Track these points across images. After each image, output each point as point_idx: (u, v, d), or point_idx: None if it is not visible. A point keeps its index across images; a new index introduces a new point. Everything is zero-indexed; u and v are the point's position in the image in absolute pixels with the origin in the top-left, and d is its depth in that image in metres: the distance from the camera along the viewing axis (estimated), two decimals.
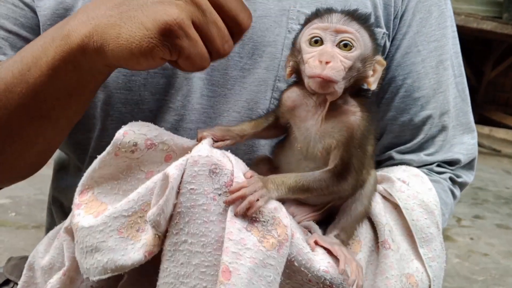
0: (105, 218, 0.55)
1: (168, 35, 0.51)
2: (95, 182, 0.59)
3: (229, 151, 0.58)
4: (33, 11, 0.71)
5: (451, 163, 0.81)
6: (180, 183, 0.53)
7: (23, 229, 2.46)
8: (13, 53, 0.69)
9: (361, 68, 0.58)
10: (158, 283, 0.54)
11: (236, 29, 0.56)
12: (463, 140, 0.82)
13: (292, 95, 0.61)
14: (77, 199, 0.59)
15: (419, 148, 0.80)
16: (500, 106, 6.00)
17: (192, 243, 0.53)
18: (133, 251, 0.55)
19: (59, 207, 0.87)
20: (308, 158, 0.61)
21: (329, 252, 0.58)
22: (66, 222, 0.62)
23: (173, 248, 0.53)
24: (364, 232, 0.66)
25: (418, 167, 0.79)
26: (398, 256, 0.65)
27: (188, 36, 0.52)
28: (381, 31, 0.75)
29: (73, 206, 0.59)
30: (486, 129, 5.09)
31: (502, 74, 5.92)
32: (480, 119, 5.55)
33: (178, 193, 0.53)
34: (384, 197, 0.69)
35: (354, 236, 0.65)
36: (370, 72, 0.59)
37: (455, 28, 0.83)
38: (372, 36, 0.60)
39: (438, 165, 0.81)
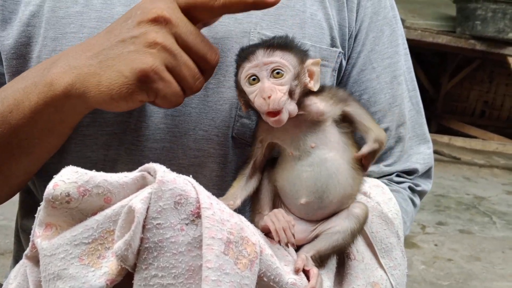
0: (65, 246, 0.55)
1: (145, 80, 0.57)
2: (51, 223, 0.58)
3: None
4: None
5: (409, 172, 0.86)
6: (145, 217, 0.52)
7: None
8: None
9: (298, 83, 0.65)
10: None
11: (206, 66, 0.62)
12: (419, 150, 0.87)
13: (264, 124, 0.66)
14: (39, 231, 0.57)
15: (378, 159, 0.83)
16: (458, 115, 6.25)
17: (162, 276, 0.52)
18: (94, 279, 0.54)
19: (28, 234, 0.86)
20: (303, 156, 0.66)
21: (305, 271, 0.61)
22: (26, 250, 0.61)
23: (143, 283, 0.52)
24: None
25: (379, 177, 0.83)
26: (363, 266, 0.68)
27: (162, 79, 0.57)
28: (336, 50, 0.79)
29: (33, 237, 0.58)
30: (445, 138, 5.29)
31: (458, 85, 6.18)
32: (439, 128, 5.75)
33: (144, 227, 0.53)
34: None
35: None
36: (307, 79, 0.66)
37: (406, 46, 0.88)
38: (295, 50, 0.65)
39: (397, 175, 0.85)
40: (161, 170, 0.54)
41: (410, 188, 0.85)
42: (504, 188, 4.31)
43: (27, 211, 0.86)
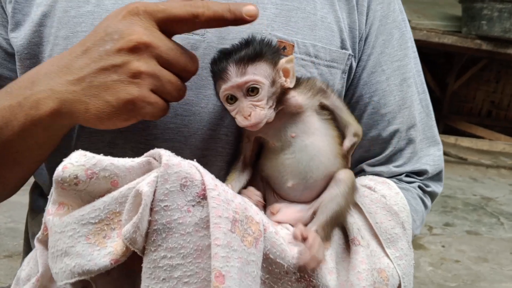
0: (73, 225, 0.57)
1: (132, 109, 0.59)
2: (64, 202, 0.60)
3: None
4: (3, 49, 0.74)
5: (419, 173, 0.86)
6: (153, 200, 0.54)
7: None
8: None
9: (275, 88, 0.67)
10: None
11: (187, 76, 0.64)
12: (429, 152, 0.87)
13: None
14: (52, 209, 0.59)
15: (388, 160, 0.84)
16: (464, 116, 6.22)
17: (171, 257, 0.54)
18: (99, 257, 0.55)
19: None
20: (285, 146, 0.70)
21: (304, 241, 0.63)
22: (38, 234, 0.63)
23: (153, 266, 0.54)
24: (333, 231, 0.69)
25: (388, 178, 0.83)
26: (368, 252, 0.68)
27: (150, 103, 0.59)
28: (346, 52, 0.80)
29: (45, 218, 0.60)
30: (452, 139, 5.26)
31: (465, 85, 6.15)
32: (446, 129, 5.73)
33: (151, 210, 0.54)
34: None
35: None
36: (283, 79, 0.68)
37: (415, 49, 0.89)
38: (266, 57, 0.66)
39: (407, 175, 0.85)
40: (166, 155, 0.56)
41: (420, 187, 0.86)
42: (511, 188, 4.28)
43: (37, 213, 0.87)
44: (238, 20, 0.62)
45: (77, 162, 0.57)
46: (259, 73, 0.65)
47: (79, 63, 0.60)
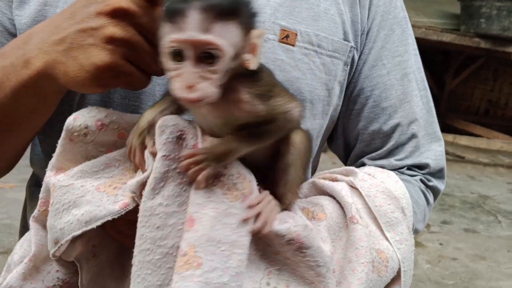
0: (85, 177, 0.59)
1: (104, 75, 0.57)
2: (65, 165, 0.62)
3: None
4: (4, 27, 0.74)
5: (421, 167, 0.85)
6: (156, 153, 0.56)
7: None
8: None
9: (235, 64, 0.52)
10: (134, 253, 0.55)
11: None
12: (431, 147, 0.87)
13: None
14: (50, 174, 0.61)
15: (389, 154, 0.84)
16: (462, 114, 6.22)
17: (167, 205, 0.55)
18: (108, 203, 0.57)
19: None
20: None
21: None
22: (34, 212, 0.63)
23: (149, 213, 0.54)
24: (330, 208, 0.68)
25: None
26: (367, 231, 0.67)
27: (123, 72, 0.58)
28: (349, 44, 0.80)
29: (45, 178, 0.62)
30: (449, 137, 5.26)
31: (463, 83, 6.16)
32: (444, 127, 5.73)
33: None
34: (351, 186, 0.73)
35: (320, 209, 0.67)
36: (248, 55, 0.53)
37: (416, 46, 0.89)
38: (242, 17, 0.51)
39: (409, 169, 0.85)
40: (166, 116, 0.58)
41: (422, 181, 0.85)
42: (509, 187, 4.29)
43: (35, 203, 0.86)
44: None
45: (88, 113, 0.61)
46: (226, 37, 0.49)
47: (65, 24, 0.59)
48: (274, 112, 0.58)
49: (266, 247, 0.60)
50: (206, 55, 0.49)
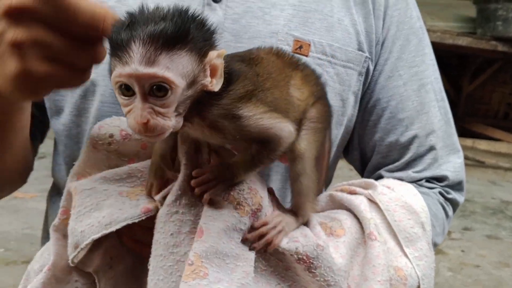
0: (108, 182, 0.60)
1: (27, 83, 0.50)
2: (86, 172, 0.63)
3: None
4: None
5: (439, 179, 0.84)
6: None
7: (13, 265, 2.41)
8: None
9: (193, 91, 0.48)
10: (150, 258, 0.56)
11: (97, 34, 0.50)
12: (449, 159, 0.85)
13: None
14: (71, 181, 0.63)
15: (407, 166, 0.83)
16: (480, 118, 6.13)
17: (183, 213, 0.56)
18: (129, 207, 0.58)
19: None
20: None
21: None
22: (54, 221, 0.64)
23: (164, 220, 0.56)
24: (349, 223, 0.67)
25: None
26: (385, 248, 0.66)
27: (44, 75, 0.49)
28: (363, 54, 0.80)
29: (67, 184, 0.63)
30: (469, 142, 5.18)
31: (480, 87, 6.07)
32: (462, 132, 5.64)
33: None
34: (369, 200, 0.72)
35: (339, 224, 0.67)
36: (208, 79, 0.49)
37: (433, 56, 0.89)
38: (192, 43, 0.47)
39: (427, 181, 0.83)
40: None
41: (440, 194, 0.84)
42: None
43: (54, 218, 0.87)
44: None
45: (112, 123, 0.62)
46: (175, 68, 0.45)
47: None
48: (251, 132, 0.53)
49: (278, 263, 0.60)
50: (156, 88, 0.46)
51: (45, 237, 0.91)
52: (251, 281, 0.56)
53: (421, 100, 0.83)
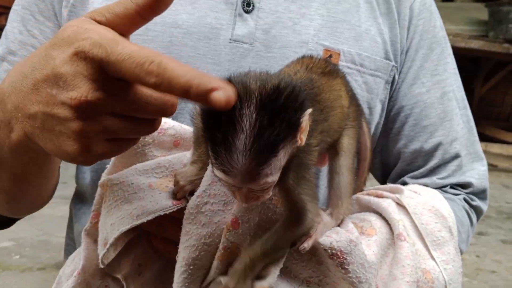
0: (136, 176, 0.60)
1: (84, 159, 0.50)
2: (119, 169, 0.63)
3: None
4: None
5: (464, 186, 0.84)
6: None
7: (28, 272, 2.43)
8: None
9: (287, 159, 0.49)
10: (179, 249, 0.57)
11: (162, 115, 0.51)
12: (473, 167, 0.85)
13: None
14: (105, 176, 0.63)
15: (432, 172, 0.83)
16: (493, 121, 6.08)
17: (213, 203, 0.57)
18: (160, 198, 0.58)
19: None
20: None
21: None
22: (86, 225, 0.64)
23: (195, 211, 0.57)
24: (379, 224, 0.68)
25: None
26: (413, 250, 0.66)
27: (101, 155, 0.50)
28: (390, 63, 0.81)
29: (98, 187, 0.63)
30: (481, 145, 5.13)
31: (492, 90, 6.02)
32: None
33: None
34: (397, 203, 0.71)
35: (369, 224, 0.67)
36: (299, 141, 0.49)
37: (455, 65, 0.89)
38: (288, 135, 0.47)
39: (452, 188, 0.83)
40: None
41: (465, 200, 0.83)
42: None
43: (79, 225, 0.87)
44: (199, 99, 0.43)
45: None
46: (274, 171, 0.47)
47: (32, 98, 0.50)
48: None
49: (311, 257, 0.60)
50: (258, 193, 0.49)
51: (68, 244, 0.91)
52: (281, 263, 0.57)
53: (444, 108, 0.84)
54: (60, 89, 0.48)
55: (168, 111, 0.49)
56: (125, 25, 0.50)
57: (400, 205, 0.71)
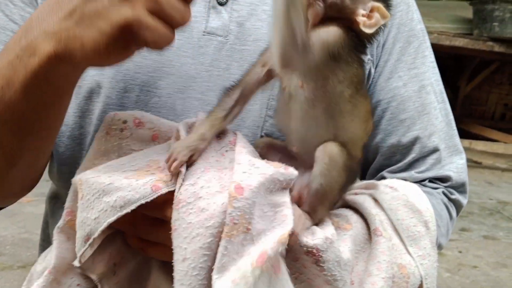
0: (112, 169, 0.60)
1: (128, 33, 0.53)
2: (94, 164, 0.62)
3: None
4: None
5: (443, 180, 0.84)
6: None
7: (9, 270, 2.40)
8: None
9: (349, 5, 0.58)
10: (183, 246, 0.54)
11: None
12: (452, 160, 0.85)
13: None
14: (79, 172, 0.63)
15: (410, 166, 0.82)
16: (478, 119, 6.15)
17: (210, 187, 0.56)
18: (139, 186, 0.56)
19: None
20: (291, 96, 0.61)
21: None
22: (59, 223, 0.63)
23: (193, 199, 0.55)
24: (355, 219, 0.67)
25: None
26: (390, 245, 0.66)
27: (148, 28, 0.53)
28: (366, 57, 0.79)
29: (75, 177, 0.62)
30: (466, 142, 5.19)
31: (477, 88, 6.09)
32: (459, 132, 5.62)
33: None
34: (373, 198, 0.71)
35: (345, 220, 0.67)
36: (362, 11, 0.59)
37: (434, 59, 0.88)
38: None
39: (430, 181, 0.83)
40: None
41: (444, 194, 0.83)
42: None
43: (55, 221, 0.86)
44: None
45: (127, 112, 0.65)
46: None
47: None
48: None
49: (287, 254, 0.59)
50: None
51: (44, 240, 0.90)
52: (292, 221, 0.56)
53: (422, 101, 0.83)
54: None
55: None
56: None
57: (376, 200, 0.71)
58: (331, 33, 0.59)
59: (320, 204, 0.63)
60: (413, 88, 0.83)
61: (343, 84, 0.60)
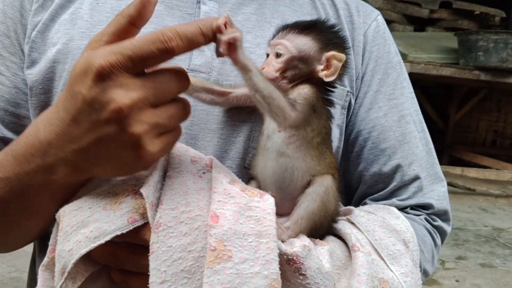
0: (92, 199, 0.60)
1: (146, 164, 0.57)
2: (81, 193, 0.63)
3: None
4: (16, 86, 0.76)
5: (424, 207, 0.85)
6: (167, 171, 0.60)
7: None
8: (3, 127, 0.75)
9: (304, 66, 0.68)
10: (162, 269, 0.54)
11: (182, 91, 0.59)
12: (433, 188, 0.87)
13: None
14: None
15: (392, 194, 0.84)
16: (469, 146, 6.20)
17: (190, 211, 0.57)
18: (115, 218, 0.57)
19: None
20: (268, 142, 0.67)
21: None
22: (43, 261, 0.62)
23: (174, 223, 0.56)
24: (331, 237, 0.68)
25: None
26: (369, 259, 0.66)
27: (159, 151, 0.56)
28: (345, 89, 0.82)
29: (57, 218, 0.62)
30: (458, 170, 5.22)
31: (467, 116, 6.18)
32: (451, 160, 5.70)
33: (165, 176, 0.60)
34: (350, 222, 0.72)
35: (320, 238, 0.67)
36: (320, 67, 0.68)
37: (412, 90, 0.91)
38: (319, 37, 0.68)
39: (412, 209, 0.84)
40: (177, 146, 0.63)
41: (427, 220, 0.84)
42: None
43: (42, 259, 0.85)
44: (211, 41, 0.56)
45: None
46: (293, 43, 0.67)
47: (75, 132, 0.55)
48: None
49: None
50: (275, 52, 0.68)
51: (32, 279, 0.88)
52: (277, 256, 0.56)
53: (402, 131, 0.85)
54: (98, 111, 0.53)
55: (183, 82, 0.57)
56: (122, 38, 0.55)
57: (352, 223, 0.72)
58: (305, 90, 0.67)
59: (308, 222, 0.65)
60: (393, 118, 0.85)
61: (314, 132, 0.67)
